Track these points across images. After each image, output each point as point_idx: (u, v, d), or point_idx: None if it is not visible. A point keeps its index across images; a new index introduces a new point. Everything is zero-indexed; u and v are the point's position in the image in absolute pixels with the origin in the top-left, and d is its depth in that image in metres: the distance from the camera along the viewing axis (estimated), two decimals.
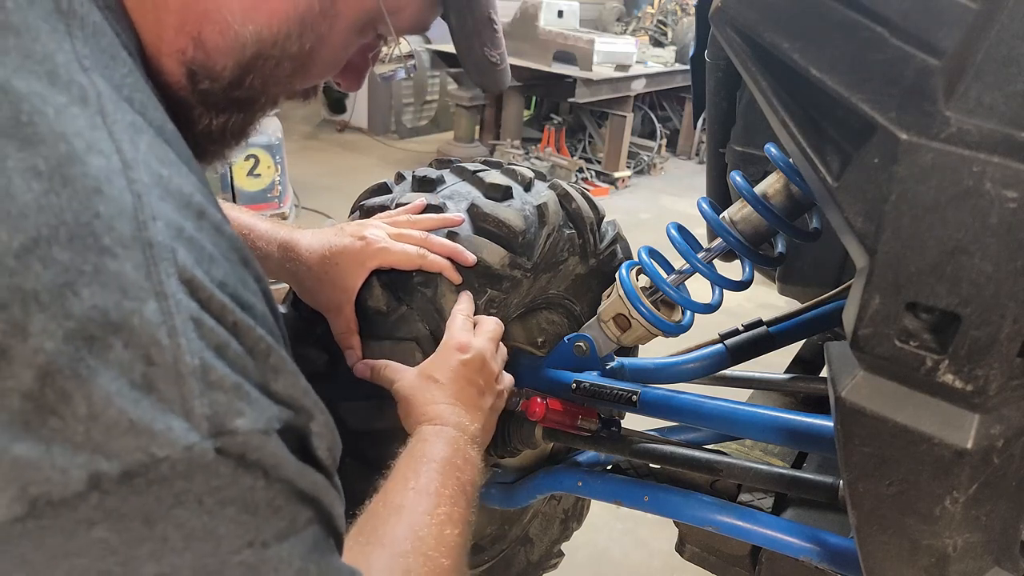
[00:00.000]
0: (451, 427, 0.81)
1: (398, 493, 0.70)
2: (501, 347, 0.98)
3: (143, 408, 0.35)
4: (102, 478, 0.34)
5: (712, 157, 1.36)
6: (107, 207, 0.35)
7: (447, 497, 0.71)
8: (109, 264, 0.35)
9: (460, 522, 0.70)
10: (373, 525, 0.65)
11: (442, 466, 0.74)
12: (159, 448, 0.35)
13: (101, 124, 0.38)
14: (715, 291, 1.08)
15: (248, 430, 0.38)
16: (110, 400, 0.34)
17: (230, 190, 2.75)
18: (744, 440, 1.24)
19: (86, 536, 0.35)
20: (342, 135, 7.19)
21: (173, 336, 0.36)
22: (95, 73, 0.40)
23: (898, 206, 0.57)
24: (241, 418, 0.38)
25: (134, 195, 0.37)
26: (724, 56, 1.13)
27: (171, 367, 0.36)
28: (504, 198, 1.05)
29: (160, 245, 0.37)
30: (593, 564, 2.24)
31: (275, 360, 0.42)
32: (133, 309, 0.35)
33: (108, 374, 0.34)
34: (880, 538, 0.71)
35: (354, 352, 0.93)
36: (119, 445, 0.34)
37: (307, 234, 0.96)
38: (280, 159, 2.86)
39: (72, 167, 0.35)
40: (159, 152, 0.41)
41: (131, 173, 0.37)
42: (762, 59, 0.64)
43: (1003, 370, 0.57)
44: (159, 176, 0.39)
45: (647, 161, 6.84)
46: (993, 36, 0.52)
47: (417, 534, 0.64)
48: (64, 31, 0.40)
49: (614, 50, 5.80)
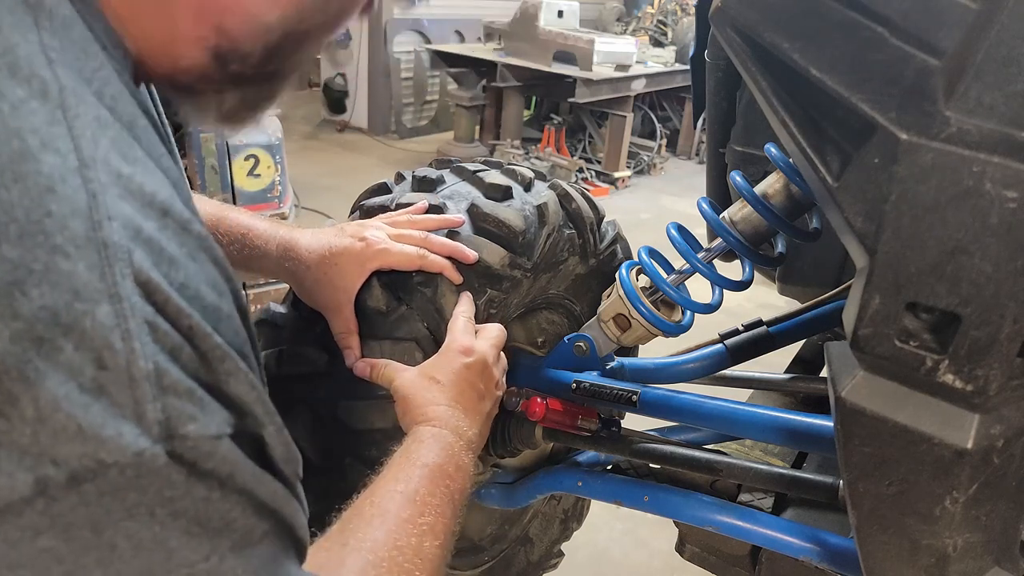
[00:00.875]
0: (449, 431, 0.81)
1: (385, 495, 0.70)
2: (502, 355, 0.98)
3: (93, 413, 0.34)
4: (49, 484, 0.34)
5: (712, 157, 1.36)
6: (60, 206, 0.35)
7: (433, 506, 0.70)
8: (61, 264, 0.34)
9: (442, 533, 0.69)
10: (355, 526, 0.65)
11: (433, 472, 0.74)
12: (108, 454, 0.34)
13: (61, 119, 0.37)
14: (715, 291, 1.08)
15: (199, 435, 0.38)
16: (58, 404, 0.33)
17: (230, 190, 2.75)
18: (744, 440, 1.24)
19: (31, 545, 0.34)
20: (342, 135, 7.19)
21: (127, 340, 0.35)
22: (61, 66, 0.39)
23: (898, 206, 0.57)
24: (193, 423, 0.38)
25: (89, 194, 0.36)
26: (724, 56, 1.13)
27: (124, 371, 0.35)
28: (504, 198, 1.05)
29: (115, 246, 0.36)
30: (593, 564, 2.24)
31: (229, 365, 0.41)
32: (85, 311, 0.34)
33: (57, 377, 0.33)
34: (880, 538, 0.71)
35: (353, 352, 0.92)
36: (67, 450, 0.34)
37: (307, 234, 0.96)
38: (280, 159, 2.86)
39: (25, 164, 0.35)
40: (124, 149, 0.40)
41: (87, 171, 0.37)
42: (762, 59, 0.64)
43: (1003, 370, 0.57)
44: (119, 174, 0.38)
45: (647, 161, 6.85)
46: (993, 36, 0.52)
47: (396, 543, 0.64)
48: (31, 23, 0.39)
49: (614, 50, 5.81)
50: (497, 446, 1.20)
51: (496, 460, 1.27)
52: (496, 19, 6.65)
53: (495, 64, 5.92)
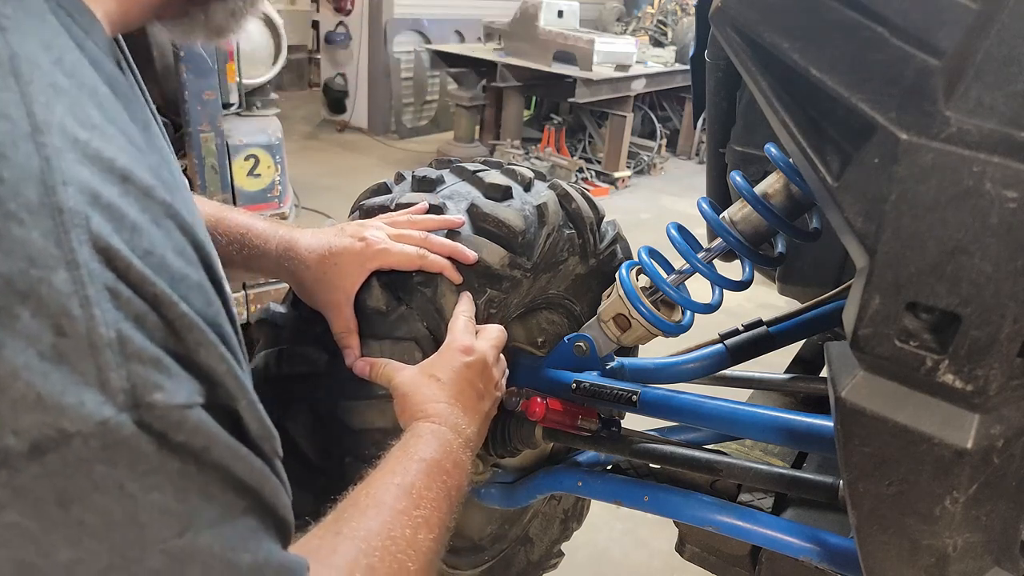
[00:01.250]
0: (447, 427, 0.81)
1: (381, 486, 0.69)
2: (501, 357, 0.98)
3: (53, 381, 0.34)
4: (10, 454, 0.33)
5: (712, 157, 1.36)
6: (12, 172, 0.34)
7: (429, 500, 0.70)
8: (14, 230, 0.33)
9: (437, 527, 0.69)
10: (350, 515, 0.64)
11: (430, 467, 0.74)
12: (70, 423, 0.34)
13: (13, 86, 0.36)
14: (715, 291, 1.08)
15: (167, 404, 0.37)
16: (17, 372, 0.33)
17: (230, 190, 2.75)
18: (744, 440, 1.24)
19: None
20: (342, 135, 7.19)
21: (86, 306, 0.35)
22: (14, 34, 0.38)
23: (898, 206, 0.57)
24: (160, 392, 0.37)
25: (42, 159, 0.35)
26: (724, 56, 1.13)
27: (83, 338, 0.35)
28: (504, 198, 1.05)
29: (71, 211, 0.35)
30: (593, 564, 2.24)
31: (198, 335, 0.40)
32: (41, 277, 0.34)
33: (15, 345, 0.33)
34: (880, 538, 0.71)
35: (353, 351, 0.92)
36: (27, 420, 0.33)
37: (307, 234, 0.96)
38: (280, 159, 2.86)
39: None
40: (82, 115, 0.39)
41: (41, 137, 0.36)
42: (762, 59, 0.64)
43: (1003, 370, 0.57)
44: (75, 139, 0.38)
45: (647, 161, 6.85)
46: (993, 36, 0.52)
47: (390, 533, 0.63)
48: None
49: (614, 50, 5.81)
50: (497, 446, 1.20)
51: (496, 460, 1.27)
52: (496, 19, 6.65)
53: (495, 64, 5.92)
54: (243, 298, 2.66)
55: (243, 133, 2.74)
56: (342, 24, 7.07)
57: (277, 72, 2.91)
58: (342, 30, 7.08)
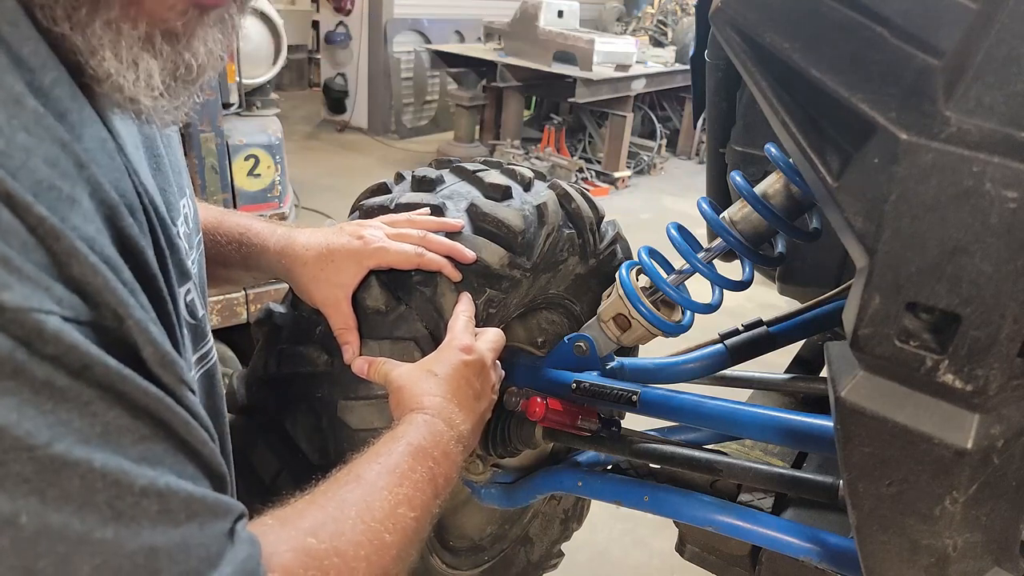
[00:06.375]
0: (440, 419, 0.79)
1: (363, 465, 0.68)
2: (498, 363, 0.97)
3: None
4: None
5: (712, 157, 1.36)
6: None
7: (413, 481, 0.68)
8: None
9: (420, 508, 0.67)
10: (327, 487, 0.63)
11: (417, 451, 0.72)
12: None
13: None
14: (715, 291, 1.08)
15: (17, 306, 0.35)
16: None
17: (230, 190, 2.75)
18: (744, 440, 1.24)
19: None
20: (342, 135, 7.19)
21: None
22: None
23: (898, 206, 0.57)
24: (8, 292, 0.35)
25: None
26: (724, 56, 1.14)
27: None
28: (504, 198, 1.05)
29: None
30: (593, 564, 2.24)
31: (67, 246, 0.38)
32: None
33: None
34: (880, 538, 0.71)
35: (351, 347, 0.92)
36: None
37: (305, 232, 0.96)
38: (280, 159, 2.86)
39: None
40: None
41: None
42: (762, 59, 0.64)
43: (1003, 370, 0.57)
44: None
45: (647, 161, 6.85)
46: (993, 36, 0.52)
47: (368, 503, 0.62)
48: None
49: (614, 50, 5.81)
50: (497, 446, 1.20)
51: (496, 460, 1.27)
52: (496, 19, 6.66)
53: (495, 64, 5.93)
54: (243, 298, 2.66)
55: (243, 133, 2.74)
56: (342, 24, 7.07)
57: (277, 72, 2.91)
58: (342, 30, 7.08)
